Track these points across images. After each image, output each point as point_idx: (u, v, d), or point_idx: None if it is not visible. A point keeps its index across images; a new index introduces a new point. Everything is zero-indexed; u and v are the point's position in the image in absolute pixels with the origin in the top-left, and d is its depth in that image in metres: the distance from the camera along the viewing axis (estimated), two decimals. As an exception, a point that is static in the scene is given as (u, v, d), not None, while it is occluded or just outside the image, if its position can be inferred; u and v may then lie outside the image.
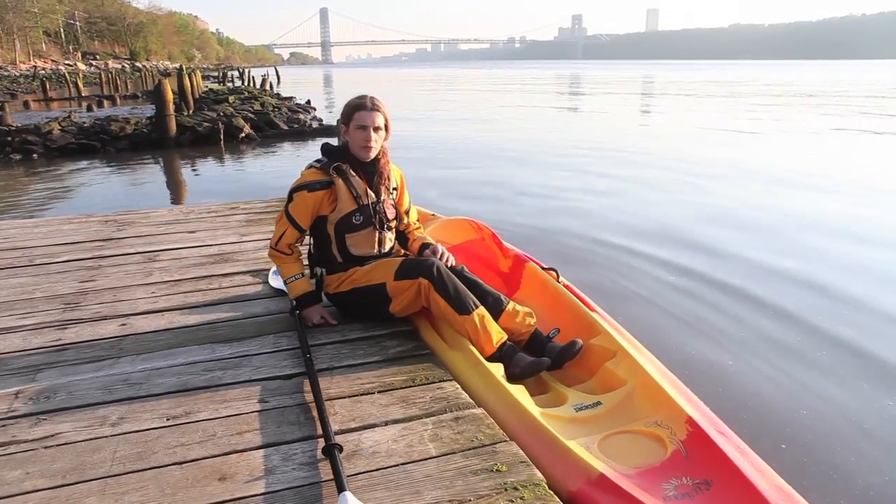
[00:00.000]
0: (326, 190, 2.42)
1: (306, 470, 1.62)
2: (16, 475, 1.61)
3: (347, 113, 2.42)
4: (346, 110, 2.43)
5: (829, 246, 5.19)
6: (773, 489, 1.57)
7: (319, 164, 2.46)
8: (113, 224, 4.21)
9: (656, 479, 1.68)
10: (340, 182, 2.41)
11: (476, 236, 3.12)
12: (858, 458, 2.40)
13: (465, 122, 16.78)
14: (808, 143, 12.11)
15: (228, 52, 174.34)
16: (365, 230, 2.48)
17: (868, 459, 2.40)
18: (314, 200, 2.42)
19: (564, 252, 5.03)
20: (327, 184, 2.41)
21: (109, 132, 12.61)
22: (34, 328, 2.54)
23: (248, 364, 2.20)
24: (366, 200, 2.45)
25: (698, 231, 5.67)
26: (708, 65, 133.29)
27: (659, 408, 1.94)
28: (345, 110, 2.44)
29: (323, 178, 2.42)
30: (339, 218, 2.43)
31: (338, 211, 2.43)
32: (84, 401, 1.97)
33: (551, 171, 9.01)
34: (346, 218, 2.43)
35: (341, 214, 2.43)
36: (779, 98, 25.63)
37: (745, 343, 3.39)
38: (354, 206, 2.43)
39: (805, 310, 3.81)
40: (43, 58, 73.14)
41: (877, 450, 2.46)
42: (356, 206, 2.43)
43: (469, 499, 1.49)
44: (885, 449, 2.47)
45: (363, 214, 2.45)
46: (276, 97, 23.30)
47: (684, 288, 4.23)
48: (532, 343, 2.37)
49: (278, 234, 2.48)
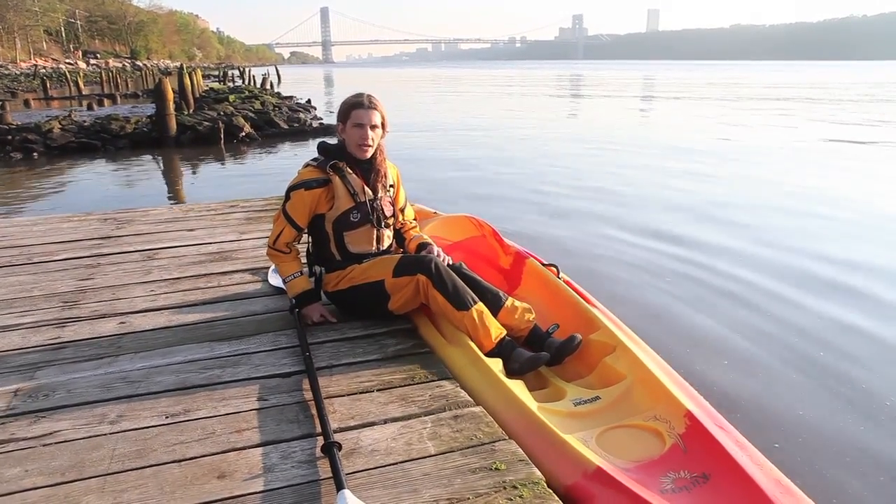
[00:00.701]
0: (323, 188, 2.41)
1: (305, 468, 1.62)
2: (15, 473, 1.61)
3: (344, 111, 2.42)
4: (343, 108, 2.43)
5: (831, 247, 5.19)
6: (771, 482, 1.57)
7: (316, 163, 2.45)
8: (112, 222, 4.21)
9: (654, 473, 1.68)
10: (337, 180, 2.41)
11: (477, 233, 3.14)
12: (853, 456, 2.40)
13: (466, 122, 16.77)
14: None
15: (229, 51, 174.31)
16: (363, 227, 2.48)
17: (864, 457, 2.40)
18: (311, 199, 2.42)
19: (568, 248, 5.06)
20: (324, 182, 2.41)
21: (110, 131, 12.62)
22: (33, 326, 2.54)
23: (247, 362, 2.20)
24: (363, 198, 2.45)
25: (700, 228, 5.68)
26: (708, 65, 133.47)
27: (658, 402, 1.95)
28: (342, 108, 2.43)
29: (320, 177, 2.42)
30: (337, 216, 2.43)
31: (335, 209, 2.43)
32: (83, 399, 1.97)
33: (552, 172, 9.01)
34: (344, 216, 2.43)
35: (339, 212, 2.43)
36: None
37: (746, 341, 3.40)
38: (352, 203, 2.43)
39: (807, 305, 3.82)
40: (43, 56, 73.15)
41: (872, 448, 2.46)
42: (353, 204, 2.43)
43: (468, 497, 1.49)
44: (881, 448, 2.47)
45: (360, 212, 2.45)
46: (277, 96, 23.29)
47: (683, 282, 4.24)
48: (531, 338, 2.37)
49: (276, 232, 2.48)
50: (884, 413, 2.70)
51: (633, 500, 1.51)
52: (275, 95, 23.75)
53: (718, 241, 5.27)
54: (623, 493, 1.54)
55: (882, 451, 2.44)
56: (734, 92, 30.91)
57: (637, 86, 39.57)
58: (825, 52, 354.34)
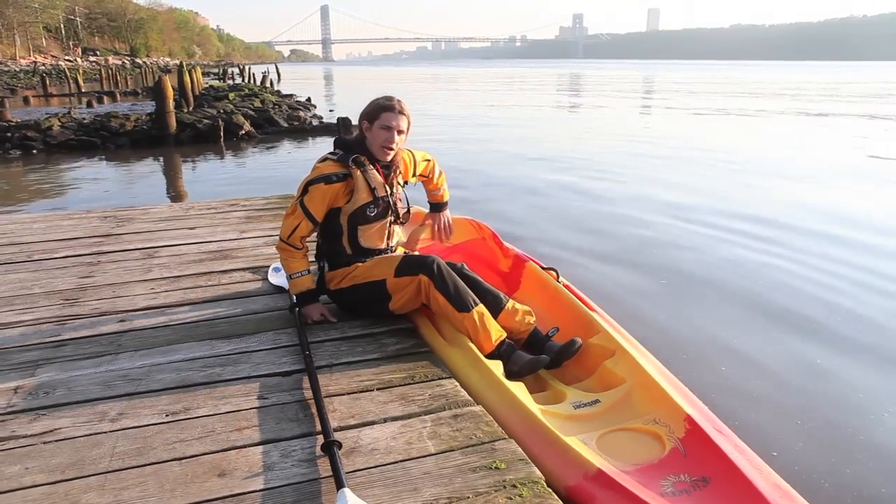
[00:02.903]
0: (343, 182, 2.41)
1: (305, 466, 1.62)
2: (15, 470, 1.61)
3: (373, 111, 2.41)
4: (372, 108, 2.42)
5: (829, 248, 5.19)
6: (770, 487, 1.57)
7: (336, 157, 2.44)
8: (112, 220, 4.21)
9: (654, 476, 1.68)
10: (359, 174, 2.41)
11: (477, 236, 3.14)
12: (853, 465, 2.39)
13: (463, 122, 16.77)
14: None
15: (229, 49, 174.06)
16: (378, 223, 2.49)
17: (861, 465, 2.39)
18: (332, 193, 2.41)
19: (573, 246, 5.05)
20: (344, 176, 2.41)
21: (109, 128, 12.59)
22: (33, 324, 2.54)
23: (247, 360, 2.20)
24: (382, 192, 2.46)
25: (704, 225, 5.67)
26: (709, 65, 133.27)
27: (657, 406, 1.95)
28: (370, 108, 2.42)
29: (340, 171, 2.41)
30: (354, 209, 2.43)
31: (353, 202, 2.42)
32: (83, 396, 1.97)
33: (555, 173, 9.01)
34: (361, 210, 2.44)
35: (356, 206, 2.43)
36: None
37: (746, 342, 3.40)
38: (370, 198, 2.43)
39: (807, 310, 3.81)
40: (43, 53, 73.05)
41: (874, 455, 2.45)
42: (372, 199, 2.44)
43: (467, 496, 1.50)
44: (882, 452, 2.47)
45: (377, 207, 2.45)
46: (277, 94, 23.27)
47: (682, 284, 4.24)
48: (531, 341, 2.37)
49: (291, 226, 2.45)
50: (886, 422, 2.68)
51: (634, 503, 1.52)
52: (275, 93, 23.74)
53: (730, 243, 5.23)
54: (624, 495, 1.54)
55: (885, 458, 2.43)
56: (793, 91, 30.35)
57: (652, 85, 39.58)
58: (825, 52, 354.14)
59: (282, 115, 15.51)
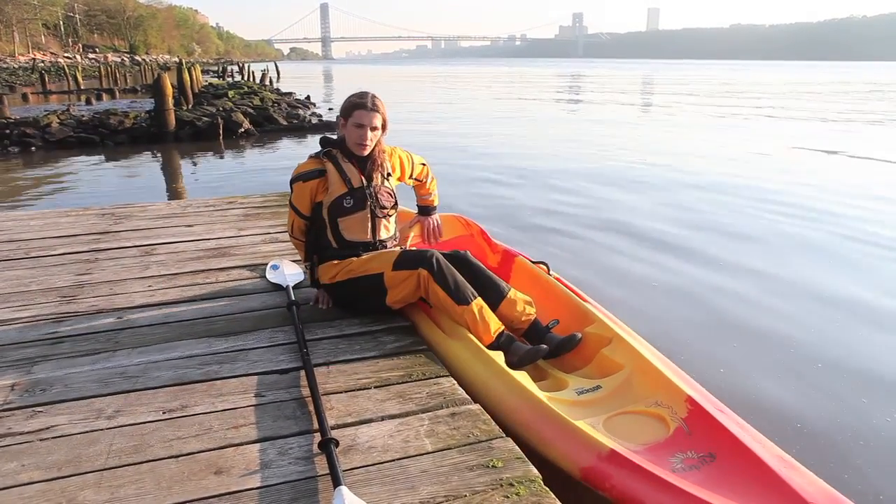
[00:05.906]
0: (320, 178, 2.49)
1: (302, 464, 1.62)
2: (11, 467, 1.61)
3: (347, 108, 2.47)
4: (346, 105, 2.48)
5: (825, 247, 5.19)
6: (774, 458, 1.62)
7: (315, 155, 2.55)
8: (110, 217, 4.20)
9: (663, 454, 1.73)
10: (331, 167, 2.48)
11: (465, 232, 3.17)
12: (860, 461, 2.40)
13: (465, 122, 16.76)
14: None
15: (228, 47, 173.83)
16: (357, 214, 2.50)
17: (868, 459, 2.40)
18: (309, 189, 2.50)
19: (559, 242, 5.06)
20: (320, 172, 2.49)
21: (108, 126, 12.57)
22: (30, 321, 2.53)
23: (244, 358, 2.20)
24: (357, 184, 2.48)
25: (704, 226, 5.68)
26: (709, 64, 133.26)
27: (658, 389, 1.99)
28: (345, 105, 2.48)
29: (315, 167, 2.50)
30: (331, 201, 2.48)
31: (329, 195, 2.48)
32: (80, 393, 1.96)
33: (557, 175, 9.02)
34: (338, 201, 2.48)
35: (332, 198, 2.48)
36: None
37: (745, 340, 3.40)
38: (345, 189, 2.47)
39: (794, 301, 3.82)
40: (42, 50, 72.96)
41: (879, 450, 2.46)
42: (346, 190, 2.47)
43: (464, 494, 1.49)
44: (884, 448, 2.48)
45: (353, 197, 2.48)
46: (276, 92, 23.25)
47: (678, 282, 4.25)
48: (531, 333, 2.39)
49: (289, 222, 2.63)
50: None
51: (648, 479, 1.56)
52: (274, 91, 23.72)
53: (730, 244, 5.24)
54: (638, 472, 1.58)
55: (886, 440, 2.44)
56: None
57: (657, 85, 39.57)
58: (826, 52, 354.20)
59: (281, 114, 15.48)
